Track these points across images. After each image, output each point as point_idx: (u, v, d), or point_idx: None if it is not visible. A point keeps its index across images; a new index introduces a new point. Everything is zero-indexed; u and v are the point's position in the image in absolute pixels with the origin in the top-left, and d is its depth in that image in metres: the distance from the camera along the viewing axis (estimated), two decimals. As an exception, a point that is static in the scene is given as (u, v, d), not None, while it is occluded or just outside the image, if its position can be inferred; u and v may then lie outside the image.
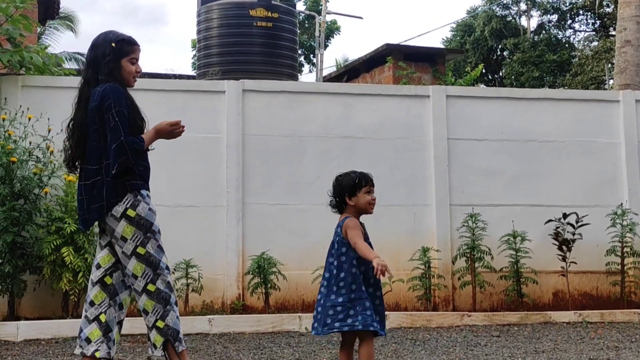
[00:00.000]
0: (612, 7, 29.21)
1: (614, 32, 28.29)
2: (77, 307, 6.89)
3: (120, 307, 3.94)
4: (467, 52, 31.30)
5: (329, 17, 28.02)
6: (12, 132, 6.97)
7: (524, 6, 34.75)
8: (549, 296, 8.19)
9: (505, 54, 33.54)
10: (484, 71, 30.97)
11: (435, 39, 69.05)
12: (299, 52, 25.76)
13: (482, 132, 8.34)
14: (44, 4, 12.08)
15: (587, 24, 34.24)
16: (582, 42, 33.91)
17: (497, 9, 33.96)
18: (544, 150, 8.44)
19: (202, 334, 6.70)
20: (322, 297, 3.93)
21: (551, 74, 30.77)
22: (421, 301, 7.76)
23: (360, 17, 37.29)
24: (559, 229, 7.93)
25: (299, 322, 6.96)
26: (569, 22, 34.33)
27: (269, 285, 7.40)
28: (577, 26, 34.40)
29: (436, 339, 6.46)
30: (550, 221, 7.97)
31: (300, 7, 28.54)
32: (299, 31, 13.61)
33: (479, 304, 7.89)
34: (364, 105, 8.22)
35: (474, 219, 7.84)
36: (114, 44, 3.91)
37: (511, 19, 34.67)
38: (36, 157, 7.06)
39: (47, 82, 7.58)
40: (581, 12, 33.52)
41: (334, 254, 3.95)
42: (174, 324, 3.84)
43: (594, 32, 33.83)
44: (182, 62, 66.95)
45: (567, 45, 33.09)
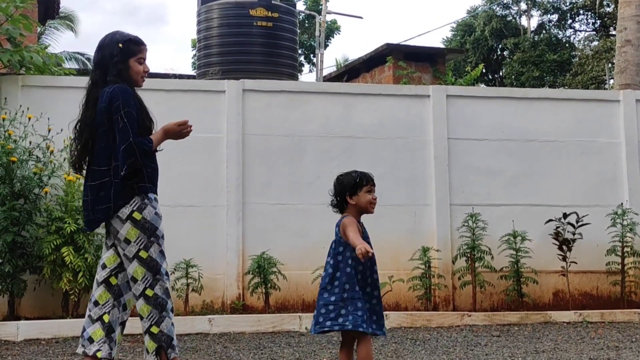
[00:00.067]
0: (613, 6, 29.19)
1: (614, 32, 28.29)
2: (77, 307, 6.89)
3: (124, 307, 3.94)
4: (467, 51, 31.30)
5: (329, 17, 28.00)
6: (12, 132, 6.97)
7: (524, 6, 34.75)
8: (549, 296, 8.19)
9: (505, 53, 33.54)
10: (484, 71, 30.98)
11: (435, 38, 69.06)
12: (299, 51, 25.75)
13: (482, 132, 8.34)
14: (44, 3, 12.08)
15: (588, 24, 34.27)
16: (582, 41, 33.95)
17: (498, 9, 33.96)
18: (544, 150, 8.44)
19: (202, 334, 6.70)
20: (319, 295, 3.96)
21: (551, 73, 30.75)
22: (421, 301, 7.76)
23: (360, 17, 37.31)
24: (559, 229, 7.93)
25: (299, 322, 6.96)
26: (569, 21, 34.34)
27: (269, 285, 7.40)
28: (577, 26, 34.45)
29: (436, 338, 6.45)
30: (550, 221, 7.97)
31: (300, 6, 28.51)
32: (299, 31, 13.60)
33: (479, 304, 7.89)
34: (364, 105, 8.22)
35: (474, 218, 7.84)
36: (121, 45, 3.91)
37: (511, 18, 34.67)
38: (36, 156, 7.05)
39: (47, 82, 7.58)
40: (581, 11, 33.52)
41: (331, 253, 3.99)
42: (168, 330, 3.83)
43: (594, 32, 33.82)
44: (182, 62, 66.93)
45: (567, 45, 33.09)
